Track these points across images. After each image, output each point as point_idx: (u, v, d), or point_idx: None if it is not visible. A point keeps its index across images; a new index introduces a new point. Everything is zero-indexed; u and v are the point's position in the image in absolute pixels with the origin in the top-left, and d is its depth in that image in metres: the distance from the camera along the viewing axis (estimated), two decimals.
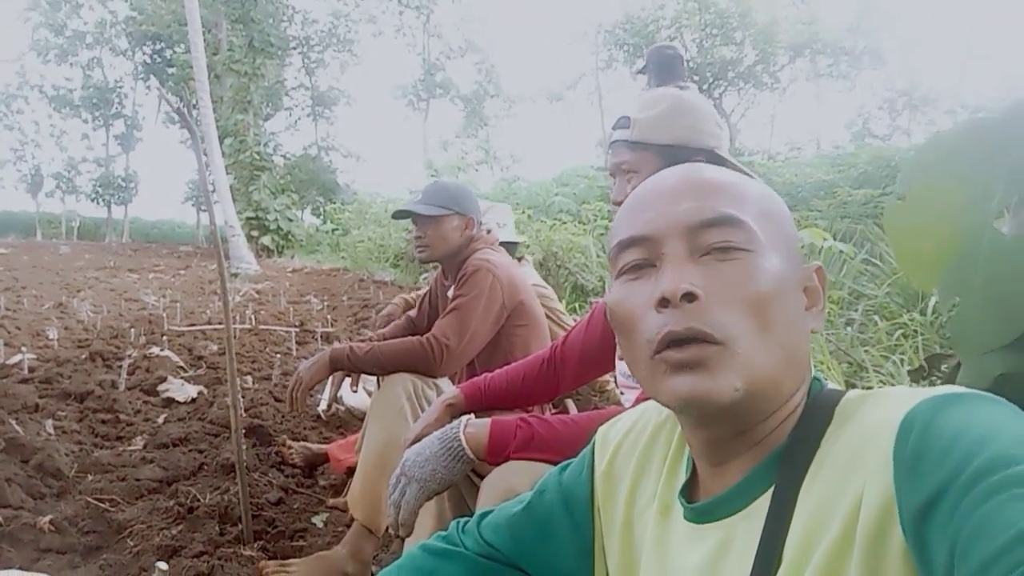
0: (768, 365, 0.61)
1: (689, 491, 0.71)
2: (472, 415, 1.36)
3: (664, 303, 0.61)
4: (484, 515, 0.88)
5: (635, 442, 0.80)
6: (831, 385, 0.67)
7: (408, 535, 1.19)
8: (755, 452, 0.64)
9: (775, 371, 0.61)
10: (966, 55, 26.05)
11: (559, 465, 0.88)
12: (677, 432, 0.75)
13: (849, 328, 4.15)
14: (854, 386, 3.18)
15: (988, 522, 0.43)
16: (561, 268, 6.53)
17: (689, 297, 0.61)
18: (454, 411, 1.48)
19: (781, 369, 0.62)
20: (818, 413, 0.62)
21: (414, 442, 1.36)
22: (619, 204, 1.37)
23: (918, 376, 1.17)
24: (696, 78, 21.08)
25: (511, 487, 1.11)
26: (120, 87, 27.82)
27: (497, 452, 1.20)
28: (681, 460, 0.74)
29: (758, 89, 23.55)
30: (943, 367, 1.28)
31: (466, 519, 0.90)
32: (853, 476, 0.54)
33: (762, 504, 0.61)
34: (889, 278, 4.55)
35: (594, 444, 0.85)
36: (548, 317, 2.73)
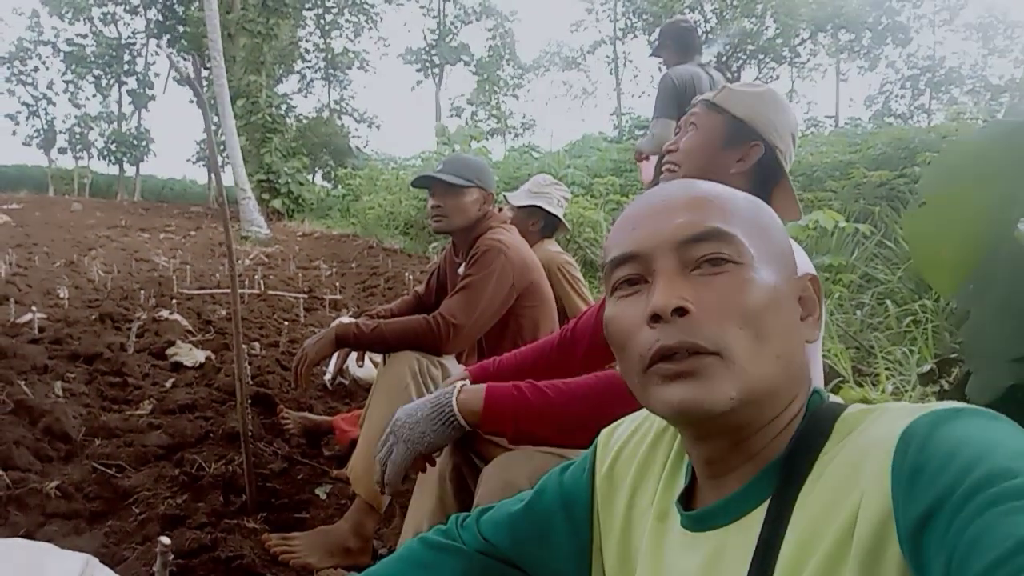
0: (763, 375, 0.61)
1: (687, 499, 0.71)
2: (467, 380, 1.37)
3: (656, 318, 0.62)
4: (484, 511, 0.89)
5: (637, 447, 0.80)
6: (832, 398, 0.67)
7: (392, 493, 1.20)
8: (753, 464, 0.64)
9: (770, 381, 0.62)
10: (990, 34, 25.52)
11: (560, 465, 0.88)
12: (678, 438, 0.75)
13: (859, 312, 4.12)
14: (861, 371, 3.16)
15: (985, 534, 0.43)
16: (571, 242, 6.50)
17: (680, 312, 0.61)
18: None
19: (776, 379, 0.63)
20: (817, 426, 0.62)
21: None
22: (670, 151, 1.38)
23: (928, 379, 1.16)
24: (714, 51, 20.78)
25: (510, 480, 1.11)
26: (133, 44, 27.69)
27: (492, 420, 1.19)
28: (681, 467, 0.74)
29: (777, 63, 23.22)
30: (953, 371, 1.27)
31: (465, 514, 0.91)
32: (850, 489, 0.55)
33: (758, 514, 0.62)
34: (903, 262, 4.51)
35: (596, 446, 0.85)
36: (570, 285, 2.73)
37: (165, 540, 1.28)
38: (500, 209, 2.32)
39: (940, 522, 0.46)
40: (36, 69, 27.21)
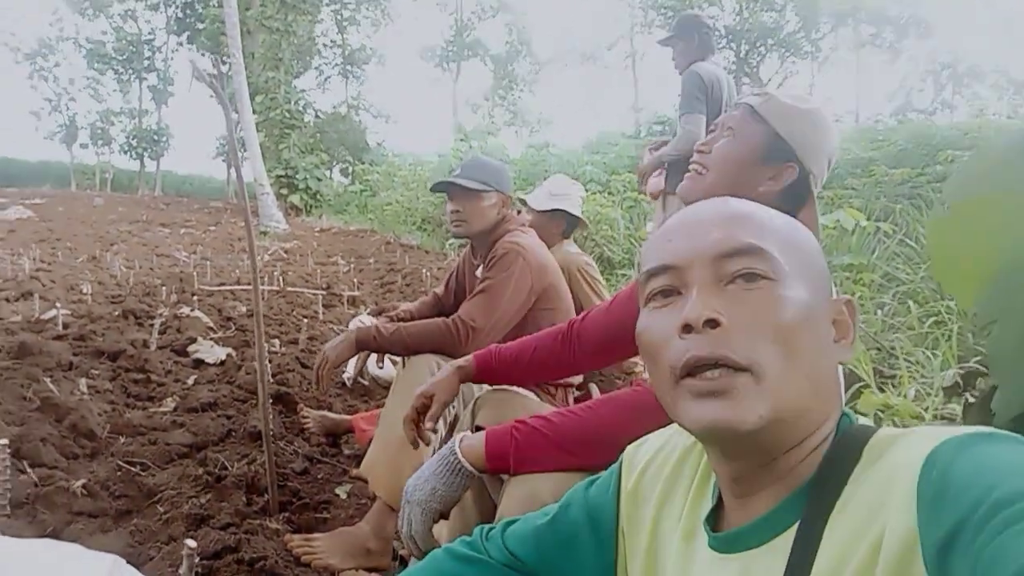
0: (793, 394, 0.62)
1: (714, 519, 0.71)
2: (471, 364, 1.45)
3: (687, 329, 0.63)
4: (509, 524, 0.89)
5: (663, 464, 0.80)
6: (861, 420, 0.67)
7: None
8: (781, 485, 0.65)
9: (800, 400, 0.62)
10: (1013, 28, 25.13)
11: (586, 480, 0.88)
12: (704, 457, 0.75)
13: (880, 312, 4.08)
14: (882, 373, 3.14)
15: (1004, 551, 0.43)
16: (588, 239, 6.49)
17: (712, 324, 0.62)
18: (463, 374, 1.47)
19: (807, 399, 0.63)
20: (847, 450, 0.62)
21: (420, 396, 1.42)
22: (700, 152, 1.32)
23: (952, 392, 1.16)
24: (734, 45, 20.60)
25: (533, 492, 1.11)
26: (152, 40, 27.92)
27: (496, 459, 1.20)
28: (707, 486, 0.74)
29: (798, 57, 22.96)
30: (978, 383, 1.26)
31: (490, 526, 0.91)
32: (877, 514, 0.55)
33: (786, 538, 0.62)
34: (924, 262, 4.46)
35: (621, 463, 0.85)
36: (590, 287, 2.74)
37: (191, 543, 1.30)
38: (519, 212, 2.32)
39: (963, 542, 0.46)
40: (58, 65, 27.58)
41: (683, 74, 3.79)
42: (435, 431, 1.49)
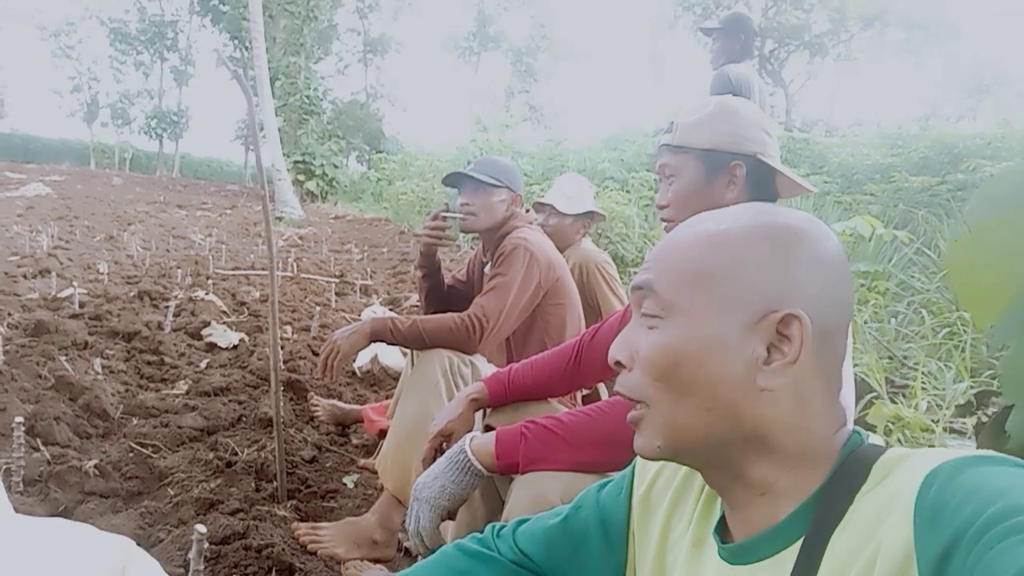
0: (686, 425, 0.66)
1: (723, 529, 0.72)
2: (484, 391, 1.47)
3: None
4: (520, 523, 0.90)
5: (674, 472, 0.81)
6: (872, 439, 0.67)
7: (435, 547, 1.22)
8: (770, 501, 0.65)
9: (701, 430, 0.65)
10: None
11: (598, 482, 0.89)
12: None
13: (894, 320, 4.06)
14: (893, 383, 3.12)
15: (995, 565, 0.44)
16: (602, 236, 6.47)
17: (618, 365, 0.70)
18: (477, 405, 1.50)
19: (713, 427, 0.65)
20: (853, 469, 0.63)
21: (438, 436, 1.40)
22: (661, 208, 1.36)
23: (965, 412, 1.15)
24: (758, 42, 20.43)
25: (540, 493, 1.12)
26: (175, 21, 28.05)
27: (506, 458, 1.22)
28: (716, 496, 0.75)
29: (823, 59, 22.77)
30: (992, 402, 1.25)
31: (502, 524, 0.92)
32: (876, 531, 0.56)
33: (792, 552, 0.63)
34: (941, 271, 4.42)
35: (634, 468, 0.86)
36: (608, 286, 2.75)
37: (201, 528, 1.31)
38: (527, 210, 2.34)
39: (957, 558, 0.47)
40: (81, 42, 27.81)
41: (715, 73, 3.75)
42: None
